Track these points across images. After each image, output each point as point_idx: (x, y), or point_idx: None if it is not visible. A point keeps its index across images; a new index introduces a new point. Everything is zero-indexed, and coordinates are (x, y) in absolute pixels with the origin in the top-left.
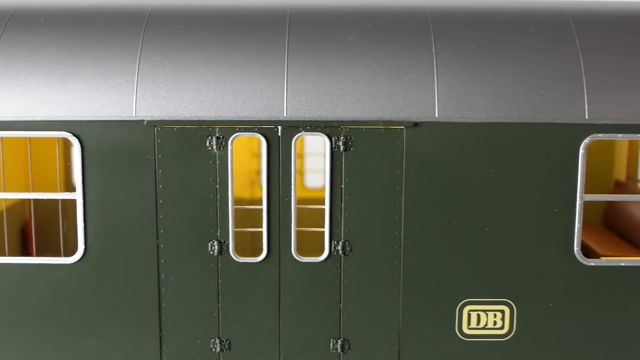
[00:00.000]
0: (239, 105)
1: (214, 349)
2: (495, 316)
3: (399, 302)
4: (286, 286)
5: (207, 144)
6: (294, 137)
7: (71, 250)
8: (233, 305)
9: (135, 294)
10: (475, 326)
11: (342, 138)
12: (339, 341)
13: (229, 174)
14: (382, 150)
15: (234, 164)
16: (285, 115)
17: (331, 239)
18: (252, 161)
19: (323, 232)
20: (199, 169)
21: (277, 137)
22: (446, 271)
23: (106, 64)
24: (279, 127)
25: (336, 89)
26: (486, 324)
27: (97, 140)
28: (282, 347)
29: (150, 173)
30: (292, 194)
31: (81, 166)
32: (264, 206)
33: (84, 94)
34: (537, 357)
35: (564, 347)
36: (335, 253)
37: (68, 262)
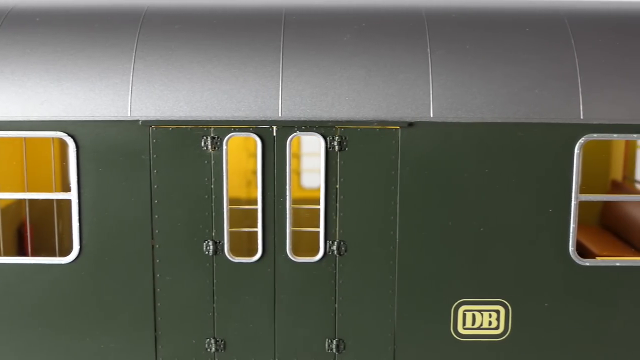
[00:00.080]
0: (234, 105)
1: (209, 349)
2: (490, 316)
3: (394, 302)
4: (281, 286)
5: (202, 144)
6: (289, 137)
7: (67, 250)
8: (228, 305)
9: (131, 294)
10: (470, 326)
11: (337, 138)
12: (334, 341)
13: (223, 174)
14: (377, 150)
15: (230, 164)
16: (280, 115)
17: (326, 239)
18: (248, 161)
19: (318, 232)
20: (194, 169)
21: (272, 137)
22: (441, 271)
23: (101, 64)
24: (274, 127)
25: (331, 89)
26: (481, 324)
27: (92, 140)
28: (277, 347)
29: (145, 173)
30: (287, 194)
31: (76, 166)
32: (259, 206)
33: (79, 94)
34: (532, 357)
35: (559, 347)
36: (331, 253)
37: (63, 262)
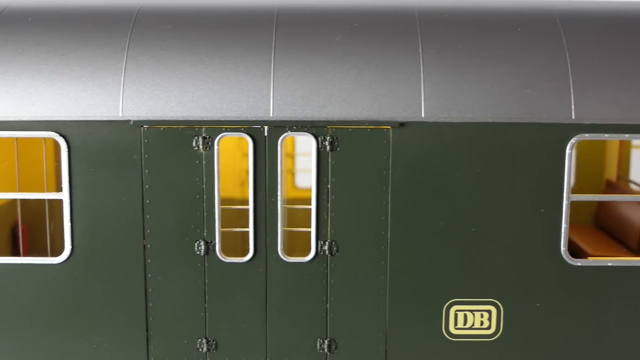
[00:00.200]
0: (225, 105)
1: (200, 349)
2: (482, 316)
3: (385, 302)
4: (273, 286)
5: (194, 144)
6: (281, 137)
7: (59, 251)
8: (220, 306)
9: (122, 294)
10: (462, 326)
11: (328, 138)
12: (326, 341)
13: (215, 174)
14: (368, 150)
15: (224, 164)
16: (271, 115)
17: (318, 239)
18: (242, 161)
19: (308, 232)
20: (185, 169)
21: (264, 137)
22: (433, 271)
23: (93, 64)
24: (266, 127)
25: (322, 89)
26: (473, 324)
27: (83, 140)
28: (269, 347)
29: (137, 173)
30: (279, 193)
31: (68, 166)
32: (250, 206)
33: (70, 94)
34: (524, 357)
35: (550, 347)
36: (322, 253)
37: (55, 262)
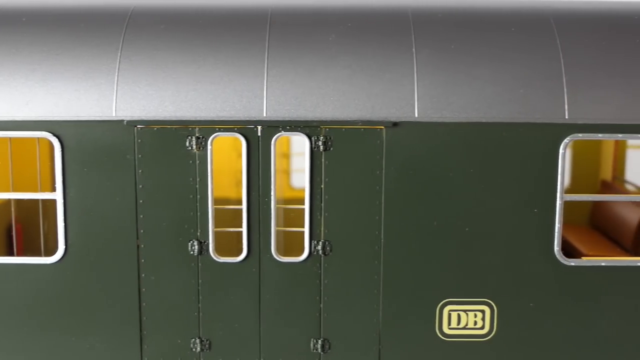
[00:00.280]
0: (219, 105)
1: (194, 349)
2: (475, 316)
3: (379, 302)
4: (266, 286)
5: (187, 144)
6: (274, 137)
7: (52, 250)
8: (213, 305)
9: (116, 294)
10: (455, 326)
11: (321, 138)
12: (320, 341)
13: (208, 173)
14: (361, 150)
15: (220, 164)
16: (264, 115)
17: (311, 238)
18: (238, 161)
19: (303, 232)
20: (179, 168)
21: (257, 137)
22: (426, 271)
23: (87, 64)
24: (259, 127)
25: (316, 89)
26: (467, 324)
27: (77, 140)
28: (262, 347)
29: (130, 173)
30: (272, 193)
31: (61, 166)
32: (243, 206)
33: (64, 94)
34: (517, 357)
35: (544, 347)
36: (315, 253)
37: (49, 262)
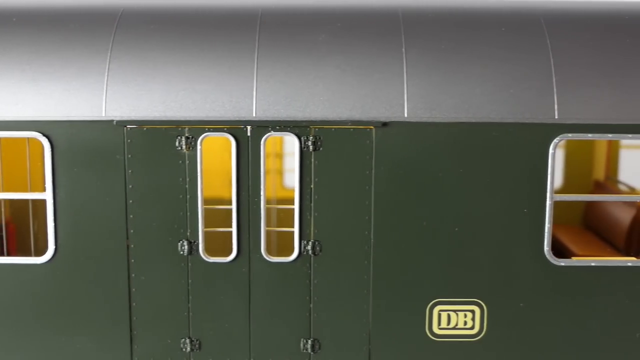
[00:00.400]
0: (208, 105)
1: (184, 349)
2: (465, 316)
3: (369, 302)
4: (256, 286)
5: (177, 144)
6: (264, 137)
7: (42, 250)
8: (203, 305)
9: (106, 294)
10: (445, 326)
11: (311, 138)
12: (309, 341)
13: (198, 174)
14: (351, 150)
15: (213, 164)
16: (254, 115)
17: (301, 238)
18: (230, 161)
19: (293, 232)
20: (168, 169)
21: (247, 137)
22: (416, 271)
23: (76, 64)
24: (248, 127)
25: (305, 89)
26: (457, 324)
27: (66, 140)
28: (252, 347)
29: (120, 173)
30: (262, 193)
31: (51, 166)
32: (233, 206)
33: (54, 94)
34: (507, 357)
35: (534, 347)
36: (305, 253)
37: (39, 262)
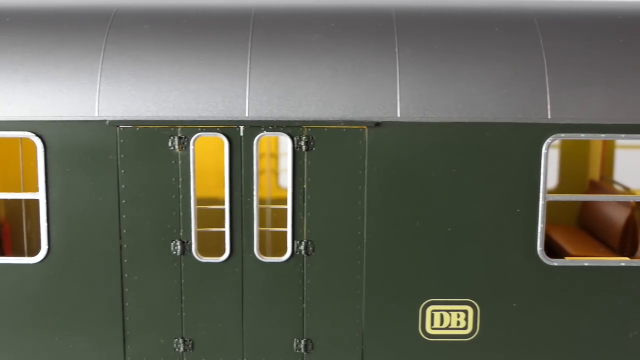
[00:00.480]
0: (201, 105)
1: (177, 349)
2: (458, 316)
3: (362, 302)
4: (249, 286)
5: (170, 144)
6: (256, 137)
7: (35, 250)
8: (196, 305)
9: (99, 294)
10: (438, 326)
11: (304, 138)
12: (302, 341)
13: (191, 174)
14: (344, 150)
15: (207, 164)
16: (247, 115)
17: (294, 239)
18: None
19: (286, 232)
20: (161, 169)
21: (239, 137)
22: (409, 271)
23: (69, 64)
24: (241, 127)
25: (298, 89)
26: (449, 324)
27: (59, 140)
28: (245, 347)
29: (113, 173)
30: (255, 193)
31: (44, 166)
32: (226, 206)
33: (46, 94)
34: (500, 357)
35: (527, 346)
36: (298, 253)
37: (32, 262)
